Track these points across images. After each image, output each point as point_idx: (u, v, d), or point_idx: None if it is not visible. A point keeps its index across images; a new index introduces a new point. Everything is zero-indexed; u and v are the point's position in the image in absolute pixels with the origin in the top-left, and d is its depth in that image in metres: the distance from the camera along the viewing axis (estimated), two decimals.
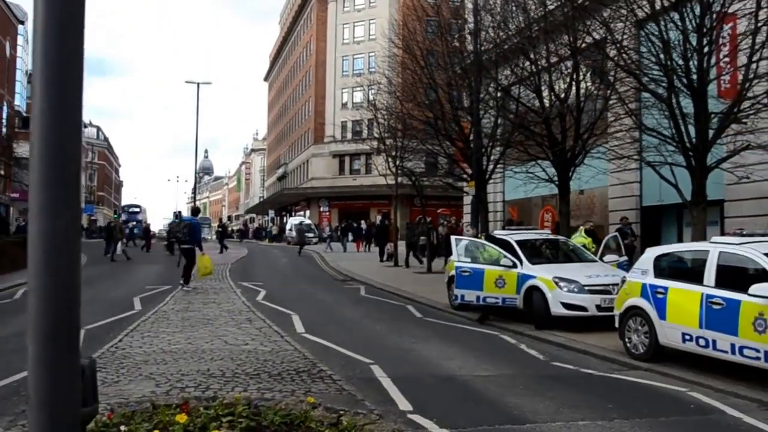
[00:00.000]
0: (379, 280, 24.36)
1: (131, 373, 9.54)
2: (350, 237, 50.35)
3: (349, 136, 65.07)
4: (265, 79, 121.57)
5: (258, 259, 36.63)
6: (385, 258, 33.59)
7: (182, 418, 5.65)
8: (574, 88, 18.68)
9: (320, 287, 22.89)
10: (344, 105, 71.73)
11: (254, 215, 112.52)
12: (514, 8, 21.14)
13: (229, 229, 73.75)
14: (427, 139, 27.39)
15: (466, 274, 15.35)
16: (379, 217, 50.62)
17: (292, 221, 62.35)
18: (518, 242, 15.65)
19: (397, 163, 30.64)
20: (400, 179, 31.92)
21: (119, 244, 35.73)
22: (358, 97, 61.73)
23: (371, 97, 36.04)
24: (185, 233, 20.93)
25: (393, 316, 16.28)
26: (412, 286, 21.81)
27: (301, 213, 73.13)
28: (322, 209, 69.57)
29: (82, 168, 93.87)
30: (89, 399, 2.55)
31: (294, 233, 56.31)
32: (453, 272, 16.90)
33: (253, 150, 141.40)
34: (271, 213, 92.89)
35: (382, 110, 30.77)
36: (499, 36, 21.21)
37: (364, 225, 49.87)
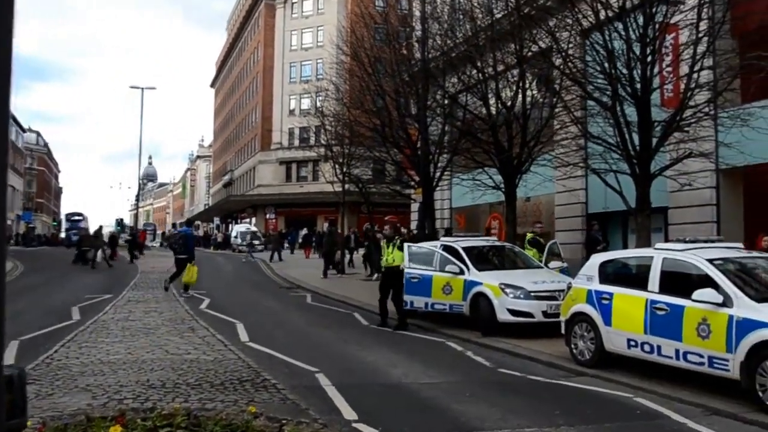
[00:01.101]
0: (325, 287, 24.17)
1: (67, 385, 9.19)
2: (286, 245, 49.81)
3: (296, 143, 64.75)
4: (212, 85, 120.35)
5: (202, 267, 35.97)
6: (330, 267, 33.34)
7: (117, 429, 5.41)
8: (520, 96, 18.79)
9: (266, 295, 22.59)
10: (292, 112, 71.30)
11: (199, 222, 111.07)
12: (461, 16, 21.25)
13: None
14: (375, 146, 27.35)
15: (415, 280, 15.31)
16: (326, 225, 50.37)
17: (237, 228, 61.68)
18: (465, 249, 15.66)
19: (345, 170, 30.54)
20: (347, 186, 31.81)
21: (99, 252, 35.25)
22: (306, 103, 61.39)
23: (319, 104, 35.87)
24: (181, 244, 21.94)
25: (339, 324, 16.14)
26: (359, 294, 21.67)
27: (247, 220, 72.41)
28: (268, 216, 68.96)
29: (21, 173, 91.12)
30: (17, 411, 2.39)
31: (239, 240, 55.55)
32: None
33: (198, 156, 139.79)
34: (217, 220, 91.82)
35: (329, 117, 30.64)
36: (446, 44, 21.27)
37: (305, 231, 49.60)
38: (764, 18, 13.68)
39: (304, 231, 51.50)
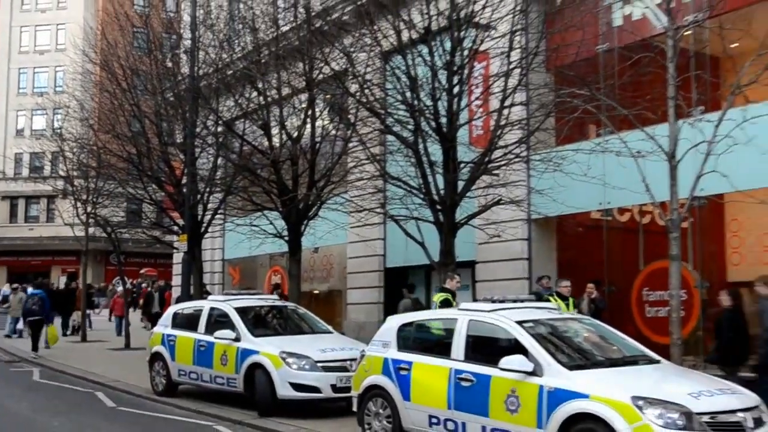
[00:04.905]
0: (60, 360, 23.09)
1: None
2: None
3: (25, 173, 61.45)
4: None
5: None
6: (69, 331, 32.00)
7: None
8: (308, 126, 19.11)
9: None
10: (20, 132, 67.70)
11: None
12: (240, 27, 21.39)
13: None
14: (129, 181, 26.61)
15: (203, 348, 15.45)
16: (63, 278, 48.21)
17: None
18: (238, 310, 15.56)
19: (89, 209, 29.42)
20: (92, 230, 30.64)
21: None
22: (40, 123, 58.68)
23: (57, 125, 34.40)
24: (39, 305, 24.88)
25: (76, 408, 15.58)
26: (105, 367, 20.92)
27: None
28: None
29: None
30: None
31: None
32: (158, 347, 16.59)
33: None
34: None
35: (70, 141, 29.47)
36: (221, 58, 21.26)
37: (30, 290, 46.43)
38: (579, 51, 14.94)
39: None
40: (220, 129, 21.74)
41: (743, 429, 8.46)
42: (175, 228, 24.81)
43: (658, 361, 10.15)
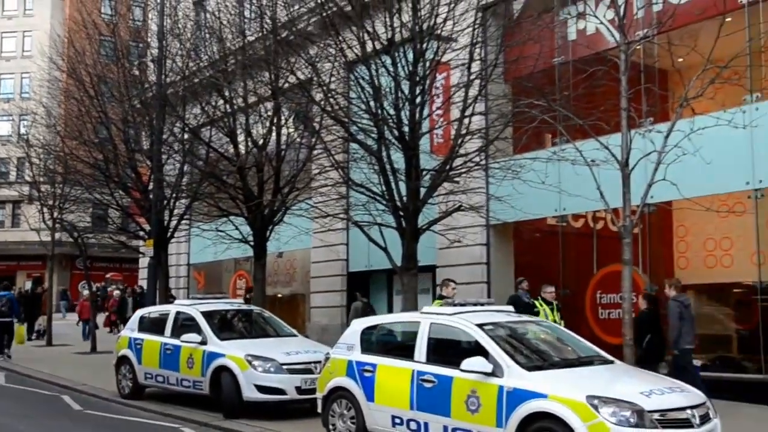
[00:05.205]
0: (26, 364, 22.79)
1: None
2: None
3: None
4: None
5: None
6: (35, 336, 31.63)
7: None
8: (274, 134, 19.14)
9: None
10: None
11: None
12: (207, 36, 21.36)
13: None
14: (95, 187, 26.40)
15: (169, 351, 15.41)
16: (29, 283, 47.68)
17: None
18: (204, 314, 15.54)
19: (55, 215, 29.16)
20: (58, 235, 30.35)
21: None
22: (6, 128, 58.07)
23: (24, 131, 34.06)
24: (8, 307, 24.67)
25: (43, 411, 15.47)
26: (71, 371, 20.70)
27: None
28: None
29: None
30: None
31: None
32: (125, 350, 16.53)
33: None
34: None
35: (37, 148, 29.19)
36: (188, 67, 21.23)
37: None
38: (536, 63, 15.17)
39: None
40: (186, 136, 21.71)
41: (691, 425, 8.71)
42: (142, 233, 24.66)
43: (611, 362, 10.39)
